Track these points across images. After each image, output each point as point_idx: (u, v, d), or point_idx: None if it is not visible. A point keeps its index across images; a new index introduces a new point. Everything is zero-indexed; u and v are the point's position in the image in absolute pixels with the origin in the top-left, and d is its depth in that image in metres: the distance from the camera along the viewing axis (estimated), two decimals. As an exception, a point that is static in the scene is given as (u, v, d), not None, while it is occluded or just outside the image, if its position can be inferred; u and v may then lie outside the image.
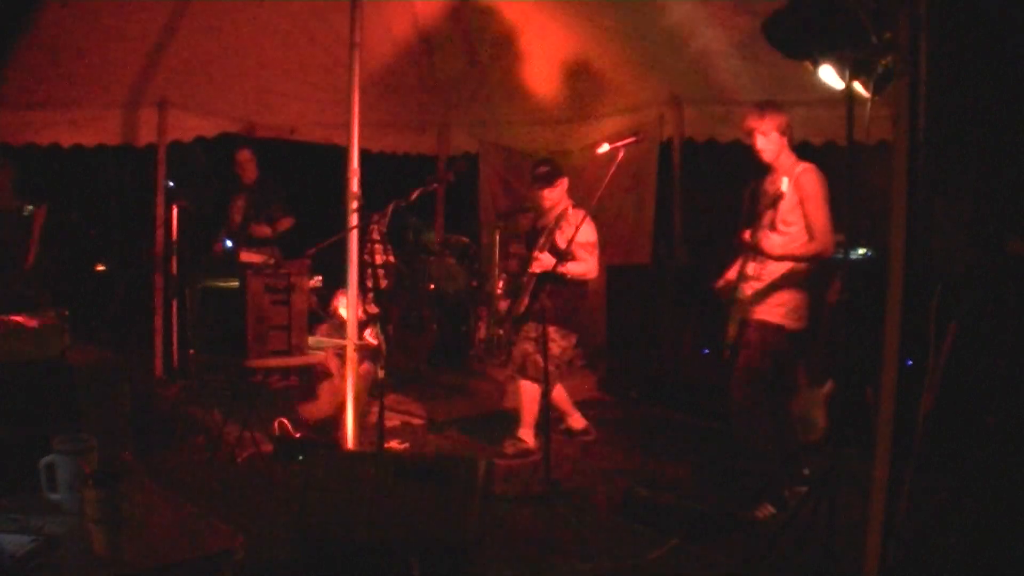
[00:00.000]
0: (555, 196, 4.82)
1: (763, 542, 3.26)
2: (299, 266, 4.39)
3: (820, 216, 3.63)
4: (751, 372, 3.73)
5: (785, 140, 3.78)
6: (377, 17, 5.56)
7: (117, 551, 1.83)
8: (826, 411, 4.01)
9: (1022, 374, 2.61)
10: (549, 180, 4.82)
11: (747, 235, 3.77)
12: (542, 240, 4.78)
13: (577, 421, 5.07)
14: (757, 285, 3.76)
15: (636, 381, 6.04)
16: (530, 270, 4.77)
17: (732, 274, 3.91)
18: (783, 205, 3.64)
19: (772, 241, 3.69)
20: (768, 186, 3.80)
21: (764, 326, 3.74)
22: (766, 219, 3.70)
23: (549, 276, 4.52)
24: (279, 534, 3.42)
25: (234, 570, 1.92)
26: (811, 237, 3.66)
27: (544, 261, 4.68)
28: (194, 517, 2.09)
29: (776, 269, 3.74)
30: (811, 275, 3.73)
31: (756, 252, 3.74)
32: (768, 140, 3.76)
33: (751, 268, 3.79)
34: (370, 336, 4.24)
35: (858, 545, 2.58)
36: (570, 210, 4.78)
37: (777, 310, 3.74)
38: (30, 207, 5.12)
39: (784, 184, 3.60)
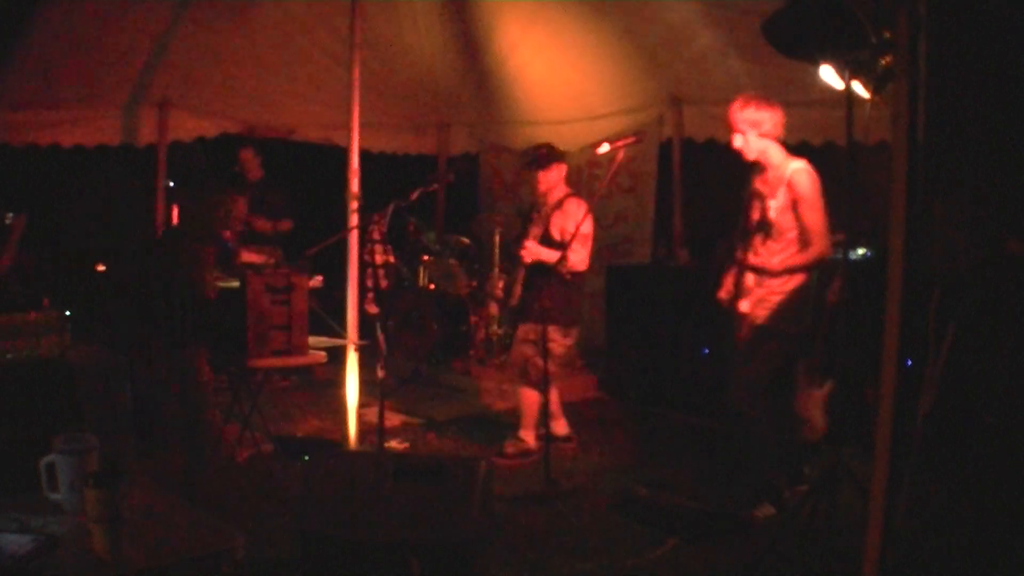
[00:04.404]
0: (551, 179, 4.64)
1: (763, 542, 3.26)
2: (299, 266, 4.40)
3: (815, 220, 3.53)
4: (753, 376, 3.70)
5: (768, 139, 3.62)
6: (378, 17, 5.56)
7: (117, 551, 1.83)
8: (826, 411, 4.00)
9: (1022, 374, 2.61)
10: (544, 162, 4.64)
11: (740, 255, 3.68)
12: (535, 229, 4.67)
13: (560, 427, 4.91)
14: (759, 292, 3.68)
15: (636, 381, 6.03)
16: (520, 254, 4.63)
17: (731, 284, 3.84)
18: (774, 213, 3.54)
19: (768, 256, 3.60)
20: (759, 186, 3.72)
21: (767, 332, 3.67)
22: (757, 240, 3.62)
23: (542, 269, 4.45)
24: (279, 534, 3.42)
25: (234, 570, 1.92)
26: (806, 242, 3.56)
27: (533, 250, 4.57)
28: (194, 517, 2.09)
29: (776, 278, 3.66)
30: (811, 278, 3.65)
31: (754, 271, 3.66)
32: (746, 140, 3.62)
33: (750, 278, 3.71)
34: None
35: (858, 545, 2.57)
36: (569, 200, 4.64)
37: (780, 315, 3.65)
38: (10, 215, 5.17)
39: (772, 211, 3.49)
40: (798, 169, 3.59)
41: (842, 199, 3.10)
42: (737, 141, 3.66)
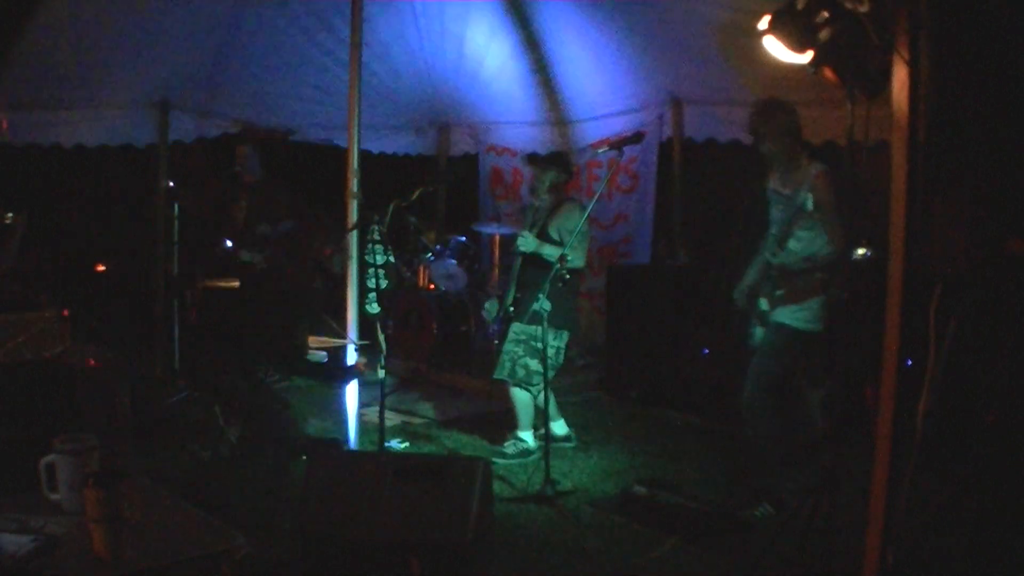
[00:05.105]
0: (548, 179, 4.72)
1: (763, 542, 3.26)
2: (299, 265, 4.40)
3: (837, 222, 3.57)
4: (767, 375, 3.71)
5: (793, 139, 3.68)
6: (378, 18, 5.56)
7: (117, 551, 1.83)
8: (825, 412, 4.00)
9: (1022, 374, 2.61)
10: (544, 163, 4.82)
11: (761, 255, 3.73)
12: (532, 223, 4.74)
13: (559, 427, 4.91)
14: (779, 291, 3.71)
15: (636, 381, 6.03)
16: (516, 243, 4.68)
17: (749, 282, 3.87)
18: (796, 215, 3.57)
19: (789, 256, 3.65)
20: (778, 185, 3.75)
21: (786, 331, 3.70)
22: (778, 240, 3.64)
23: (539, 267, 4.47)
24: (279, 534, 3.42)
25: (234, 570, 1.92)
26: (827, 242, 3.62)
27: (530, 240, 4.62)
28: (194, 517, 2.09)
29: (796, 277, 3.69)
30: (828, 277, 3.67)
31: (776, 272, 3.68)
32: (774, 144, 3.67)
33: (770, 278, 3.74)
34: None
35: (858, 545, 2.58)
36: (567, 201, 4.78)
37: (800, 315, 3.68)
38: (10, 215, 5.18)
39: (809, 203, 3.51)
40: (821, 171, 3.62)
41: (843, 199, 3.10)
42: (766, 148, 3.71)
